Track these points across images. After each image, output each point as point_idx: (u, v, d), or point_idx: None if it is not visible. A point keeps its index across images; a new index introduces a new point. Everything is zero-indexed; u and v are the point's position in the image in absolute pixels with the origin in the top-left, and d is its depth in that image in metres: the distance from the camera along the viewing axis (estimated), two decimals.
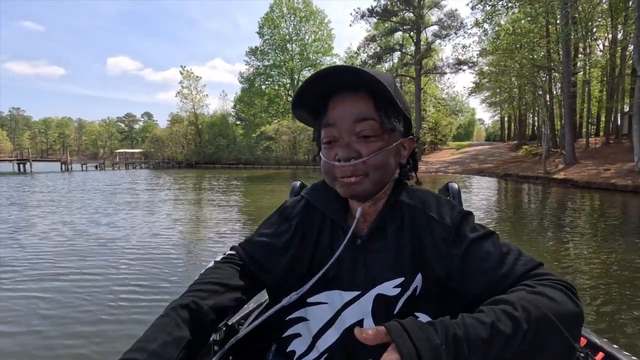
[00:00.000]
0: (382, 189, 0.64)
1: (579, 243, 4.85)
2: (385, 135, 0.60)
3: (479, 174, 20.44)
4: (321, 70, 0.56)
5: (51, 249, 4.60)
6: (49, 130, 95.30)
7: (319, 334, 0.64)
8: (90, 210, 7.90)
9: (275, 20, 41.07)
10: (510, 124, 40.17)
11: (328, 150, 0.62)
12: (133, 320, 2.63)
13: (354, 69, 0.55)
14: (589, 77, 20.14)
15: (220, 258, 0.68)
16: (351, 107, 0.59)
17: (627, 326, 2.50)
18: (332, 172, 0.61)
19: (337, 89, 0.60)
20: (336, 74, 0.57)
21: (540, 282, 0.49)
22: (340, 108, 0.60)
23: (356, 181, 0.59)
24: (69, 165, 33.04)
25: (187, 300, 0.55)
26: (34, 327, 2.51)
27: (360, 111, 0.59)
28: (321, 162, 0.64)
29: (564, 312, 0.45)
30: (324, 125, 0.62)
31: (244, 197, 11.22)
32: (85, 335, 2.40)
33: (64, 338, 2.38)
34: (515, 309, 0.43)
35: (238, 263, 0.67)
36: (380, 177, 0.61)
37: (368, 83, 0.57)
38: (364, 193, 0.61)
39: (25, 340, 2.35)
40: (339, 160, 0.59)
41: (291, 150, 37.15)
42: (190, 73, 45.04)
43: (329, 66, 0.57)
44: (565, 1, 14.19)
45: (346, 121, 0.59)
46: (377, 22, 30.72)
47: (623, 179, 11.41)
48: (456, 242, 0.58)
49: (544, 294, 0.46)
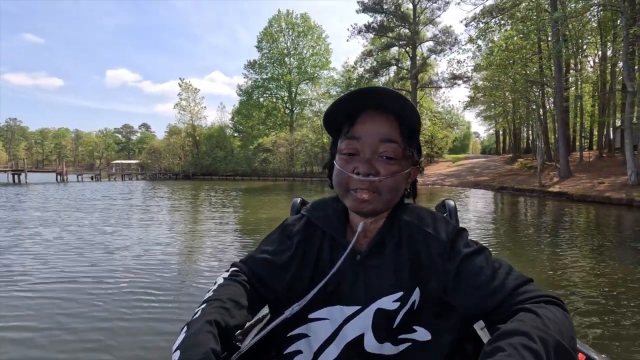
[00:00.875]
0: (387, 209, 0.67)
1: (576, 256, 4.86)
2: (403, 161, 0.63)
3: (475, 187, 20.54)
4: (364, 87, 0.60)
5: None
6: (46, 140, 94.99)
7: (320, 349, 0.64)
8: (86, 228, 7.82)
9: (273, 34, 41.82)
10: (505, 137, 40.64)
11: (345, 162, 0.63)
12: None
13: (396, 92, 0.59)
14: (580, 92, 20.58)
15: (228, 275, 0.69)
16: (380, 127, 0.62)
17: (622, 338, 2.50)
18: (347, 184, 0.63)
19: (370, 107, 0.63)
20: (376, 92, 0.60)
21: (539, 305, 0.50)
22: (369, 125, 0.62)
23: (368, 199, 0.61)
24: (65, 176, 32.81)
25: (216, 317, 0.56)
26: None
27: (387, 132, 0.62)
28: (335, 171, 0.66)
29: (566, 332, 0.47)
30: (348, 137, 0.63)
31: (242, 209, 11.18)
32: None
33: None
34: (533, 342, 0.44)
35: (244, 280, 0.68)
36: (391, 199, 0.64)
37: (402, 108, 0.61)
38: (373, 211, 0.63)
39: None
40: (357, 174, 0.61)
41: (288, 162, 37.23)
42: (189, 85, 45.44)
43: (372, 86, 0.61)
44: (555, 19, 14.61)
45: (372, 139, 0.61)
46: (373, 38, 31.35)
47: (617, 192, 11.53)
48: (451, 258, 0.60)
49: (550, 318, 0.48)
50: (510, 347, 0.43)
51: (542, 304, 0.50)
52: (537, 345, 0.43)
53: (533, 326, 0.46)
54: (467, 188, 20.37)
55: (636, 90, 12.04)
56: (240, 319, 0.62)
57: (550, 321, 0.47)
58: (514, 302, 0.53)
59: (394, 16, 28.63)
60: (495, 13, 18.56)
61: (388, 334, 0.62)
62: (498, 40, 19.87)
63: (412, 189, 0.73)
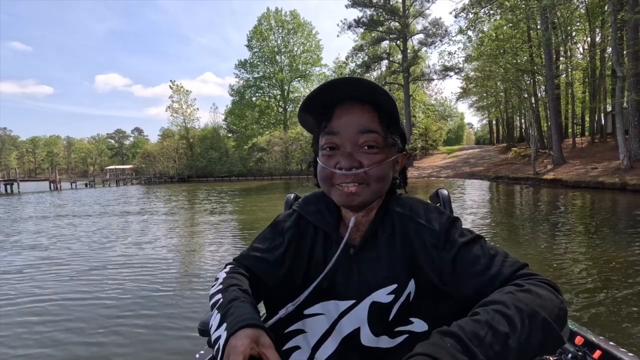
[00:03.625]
0: (377, 200, 0.65)
1: (571, 240, 4.91)
2: (386, 149, 0.63)
3: (471, 177, 20.67)
4: (334, 79, 0.58)
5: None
6: (37, 149, 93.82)
7: (318, 344, 0.64)
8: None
9: (263, 33, 41.54)
10: (498, 127, 40.88)
11: (327, 158, 0.63)
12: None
13: (368, 82, 0.57)
14: (571, 79, 20.75)
15: (228, 269, 0.69)
16: (357, 118, 0.61)
17: (617, 319, 2.53)
18: (331, 179, 0.62)
19: (344, 99, 0.61)
20: (348, 84, 0.58)
21: (528, 282, 0.51)
22: (346, 118, 0.61)
23: (356, 191, 0.60)
24: (58, 184, 32.44)
25: (242, 295, 0.60)
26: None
27: (365, 123, 0.61)
28: (318, 168, 0.65)
29: (551, 308, 0.47)
30: (327, 133, 0.62)
31: (240, 208, 11.14)
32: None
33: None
34: (508, 308, 0.45)
35: (244, 273, 0.69)
36: (380, 188, 0.63)
37: (377, 97, 0.60)
38: (362, 203, 0.62)
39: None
40: (340, 169, 0.60)
41: (284, 160, 37.15)
42: (180, 87, 45.07)
43: (342, 77, 0.59)
44: (544, 7, 14.66)
45: (350, 131, 0.61)
46: (363, 32, 31.26)
47: (610, 176, 11.66)
48: (446, 247, 0.60)
49: (533, 292, 0.48)
50: (484, 311, 0.46)
51: (531, 283, 0.51)
52: (512, 311, 0.45)
53: (513, 297, 0.47)
54: (463, 179, 20.48)
55: (625, 75, 12.14)
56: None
57: (533, 294, 0.48)
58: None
59: (383, 10, 28.55)
60: (484, 3, 18.57)
61: (384, 327, 0.61)
62: (488, 31, 19.91)
63: (402, 178, 0.72)
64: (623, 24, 12.56)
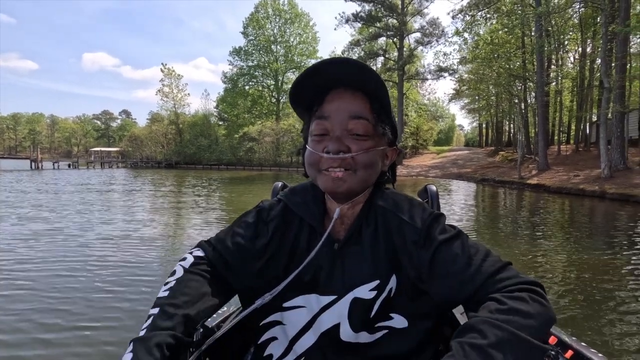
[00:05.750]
0: (364, 189, 0.64)
1: (550, 244, 5.06)
2: (376, 138, 0.62)
3: (458, 178, 20.98)
4: (329, 58, 0.57)
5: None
6: (18, 126, 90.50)
7: (296, 337, 0.63)
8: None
9: (260, 20, 40.81)
10: (488, 130, 41.49)
11: (317, 143, 0.61)
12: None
13: (363, 64, 0.57)
14: (561, 88, 21.18)
15: (189, 265, 0.63)
16: (348, 104, 0.60)
17: (586, 319, 2.64)
18: (318, 164, 0.61)
19: (336, 84, 0.60)
20: (344, 65, 0.57)
21: (510, 295, 0.49)
22: (337, 103, 0.60)
23: (342, 176, 0.59)
24: (40, 163, 31.46)
25: (165, 339, 0.51)
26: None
27: (356, 109, 0.60)
28: (306, 152, 0.64)
29: (535, 325, 0.46)
30: (317, 117, 0.62)
31: (226, 198, 11.05)
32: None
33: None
34: (485, 338, 0.44)
35: (208, 270, 0.64)
36: (367, 177, 0.62)
37: (370, 83, 0.59)
38: (348, 191, 0.61)
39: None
40: (327, 152, 0.59)
41: (274, 152, 36.89)
42: (172, 71, 44.03)
43: (338, 57, 0.58)
44: (539, 14, 14.86)
45: (341, 116, 0.60)
46: (361, 27, 31.08)
47: (591, 184, 12.02)
48: (425, 245, 0.59)
49: (514, 310, 0.47)
50: (457, 346, 0.44)
51: (515, 292, 0.49)
52: (489, 340, 0.43)
53: (490, 323, 0.45)
54: (451, 179, 20.79)
55: (612, 87, 12.46)
56: (203, 314, 0.59)
57: (515, 314, 0.46)
58: (490, 289, 0.52)
59: (382, 6, 28.39)
60: (481, 6, 18.68)
61: (364, 323, 0.61)
62: (483, 34, 20.08)
63: (392, 173, 0.71)
64: (613, 36, 12.84)
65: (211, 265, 0.65)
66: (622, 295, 3.14)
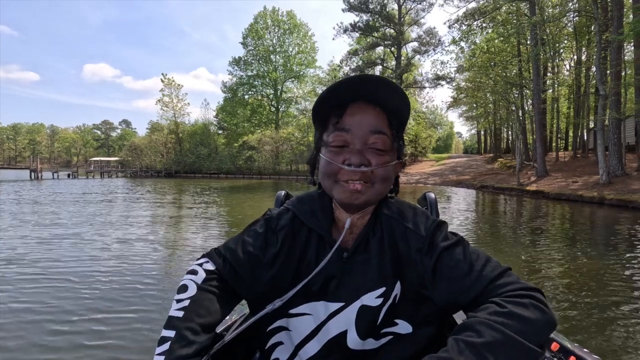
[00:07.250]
0: (378, 201, 0.66)
1: (549, 250, 5.07)
2: (392, 152, 0.64)
3: (457, 186, 21.01)
4: (359, 75, 0.59)
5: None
6: (18, 136, 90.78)
7: (302, 344, 0.64)
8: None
9: (259, 31, 41.36)
10: (486, 137, 41.69)
11: (335, 154, 0.62)
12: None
13: (389, 81, 0.60)
14: (557, 95, 21.40)
15: (201, 280, 0.63)
16: (370, 119, 0.62)
17: (587, 325, 2.64)
18: (336, 175, 0.62)
19: (359, 98, 0.62)
20: (369, 81, 0.59)
21: (511, 299, 0.51)
22: (359, 116, 0.61)
23: (361, 189, 0.60)
24: (39, 173, 31.45)
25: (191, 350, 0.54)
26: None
27: (377, 124, 0.62)
28: (322, 162, 0.64)
29: (533, 331, 0.48)
30: (337, 129, 0.62)
31: (225, 207, 11.04)
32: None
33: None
34: (480, 336, 0.46)
35: (219, 285, 0.64)
36: (383, 190, 0.63)
37: (392, 100, 0.61)
38: (365, 203, 0.62)
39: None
40: (349, 165, 0.60)
41: (274, 160, 36.97)
42: (172, 81, 44.37)
43: (373, 74, 0.60)
44: (534, 23, 15.11)
45: (362, 130, 0.61)
46: (359, 37, 31.51)
47: (589, 191, 12.05)
48: (429, 252, 0.61)
49: (513, 315, 0.48)
50: (453, 342, 0.46)
51: (516, 298, 0.51)
52: (484, 339, 0.45)
53: (487, 324, 0.47)
54: (450, 187, 20.81)
55: (608, 94, 12.61)
56: (215, 327, 0.61)
57: (513, 318, 0.48)
58: (491, 294, 0.54)
59: (379, 16, 28.86)
60: (477, 16, 19.00)
61: (371, 330, 0.62)
62: (480, 43, 20.38)
63: (395, 184, 0.73)
64: (607, 45, 13.04)
65: (222, 280, 0.65)
66: (624, 302, 3.14)
